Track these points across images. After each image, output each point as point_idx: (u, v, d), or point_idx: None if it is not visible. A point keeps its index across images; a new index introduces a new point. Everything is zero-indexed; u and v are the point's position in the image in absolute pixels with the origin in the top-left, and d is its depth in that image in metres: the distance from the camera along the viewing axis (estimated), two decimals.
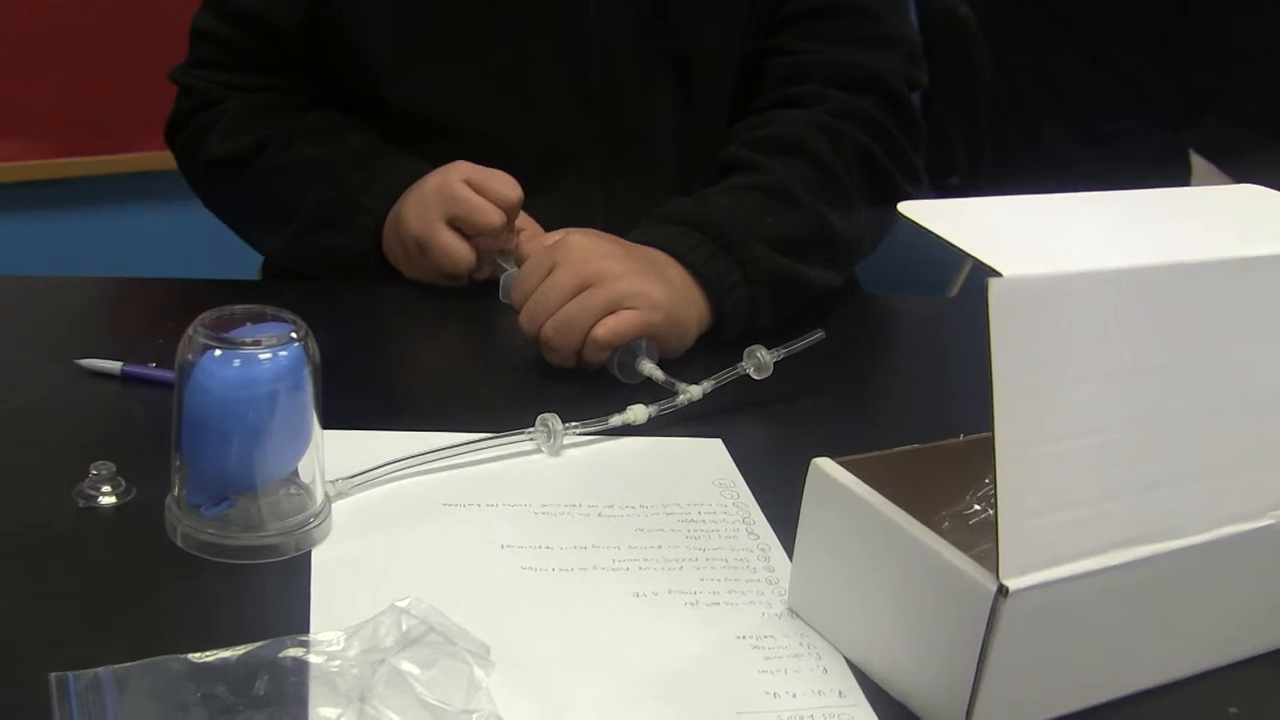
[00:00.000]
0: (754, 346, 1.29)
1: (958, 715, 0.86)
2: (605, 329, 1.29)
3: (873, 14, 1.63)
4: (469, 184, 1.46)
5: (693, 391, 1.26)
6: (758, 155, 1.52)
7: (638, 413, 1.23)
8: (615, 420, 1.22)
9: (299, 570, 1.00)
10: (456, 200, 1.45)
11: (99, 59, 3.00)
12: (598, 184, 1.62)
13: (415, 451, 1.14)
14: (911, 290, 1.83)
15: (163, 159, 1.74)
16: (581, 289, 1.31)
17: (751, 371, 1.29)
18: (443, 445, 1.15)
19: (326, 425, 1.03)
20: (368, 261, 1.55)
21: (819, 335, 1.31)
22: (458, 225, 1.47)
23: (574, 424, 1.20)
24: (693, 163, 1.63)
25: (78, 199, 3.13)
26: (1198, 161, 2.84)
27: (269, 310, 1.02)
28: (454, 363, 1.44)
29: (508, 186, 1.46)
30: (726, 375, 1.28)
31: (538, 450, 1.19)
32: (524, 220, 1.53)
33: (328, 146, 1.61)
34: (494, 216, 1.45)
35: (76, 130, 3.06)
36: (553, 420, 1.19)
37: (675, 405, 1.25)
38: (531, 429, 1.19)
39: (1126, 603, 0.89)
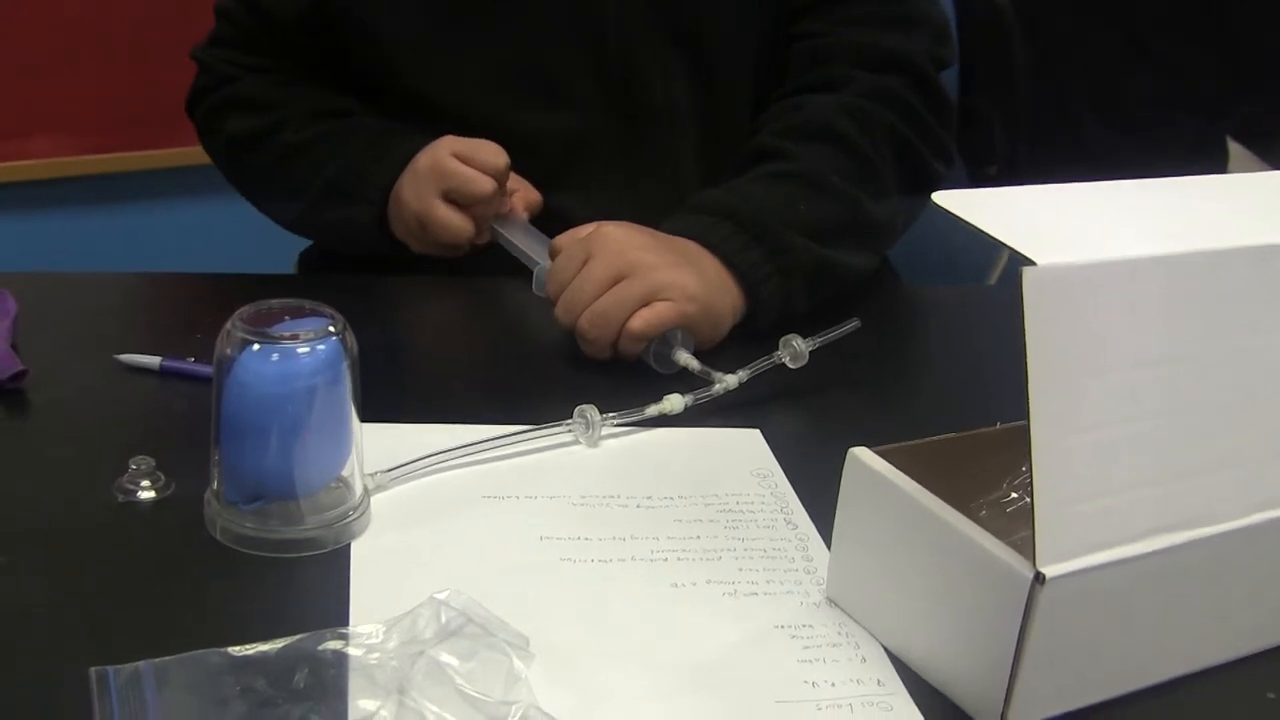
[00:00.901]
0: (789, 336, 1.29)
1: (996, 703, 0.87)
2: (640, 321, 1.30)
3: None
4: (458, 156, 1.48)
5: (729, 381, 1.26)
6: (787, 143, 1.52)
7: (674, 402, 1.23)
8: (652, 410, 1.22)
9: (338, 563, 1.00)
10: (448, 175, 1.48)
11: (134, 54, 3.01)
12: (620, 173, 1.62)
13: (454, 444, 1.14)
14: (951, 279, 1.83)
15: (198, 154, 1.75)
16: (616, 280, 1.31)
17: (787, 361, 1.29)
18: (481, 438, 1.16)
19: (365, 418, 1.03)
20: (376, 234, 1.57)
21: (854, 324, 1.31)
22: (453, 198, 1.49)
23: (612, 415, 1.20)
24: (715, 150, 1.63)
25: (113, 194, 3.14)
26: (1235, 148, 2.83)
27: (307, 304, 1.02)
28: (491, 355, 1.44)
29: (494, 154, 1.48)
30: (762, 364, 1.28)
31: (576, 442, 1.20)
32: (515, 181, 1.56)
33: (342, 124, 1.63)
34: (486, 185, 1.47)
35: (111, 125, 3.07)
36: (591, 411, 1.19)
37: (711, 395, 1.25)
38: (570, 420, 1.19)
39: (1163, 589, 0.89)
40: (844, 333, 1.30)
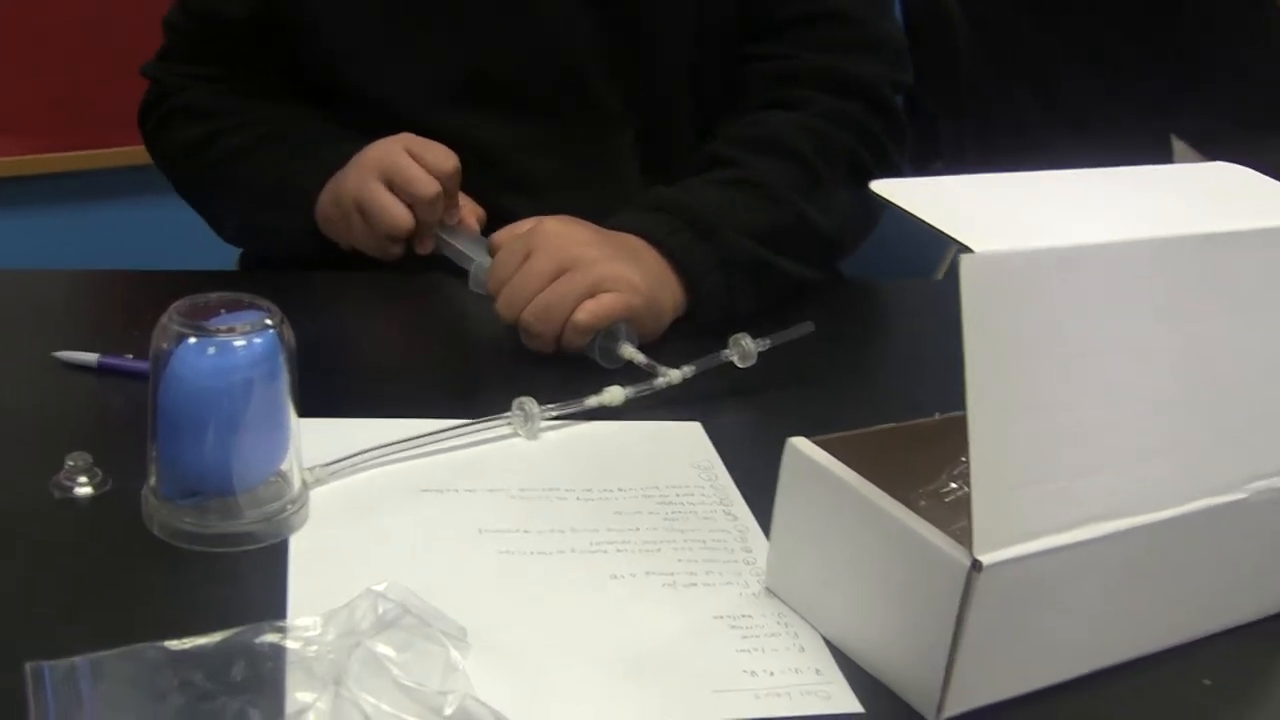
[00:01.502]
0: (739, 335, 1.29)
1: (933, 690, 0.87)
2: (586, 312, 1.29)
3: (857, 19, 1.63)
4: (409, 152, 1.47)
5: (672, 375, 1.26)
6: (741, 152, 1.53)
7: (614, 394, 1.23)
8: (592, 401, 1.22)
9: (277, 557, 1.00)
10: (395, 167, 1.46)
11: (84, 54, 3.00)
12: (566, 177, 1.62)
13: (393, 439, 1.14)
14: (898, 274, 1.83)
15: (145, 153, 1.75)
16: (559, 274, 1.31)
17: (736, 359, 1.29)
18: (421, 432, 1.15)
19: (305, 413, 1.03)
20: (305, 238, 1.56)
21: (808, 327, 1.31)
22: (395, 191, 1.47)
23: (551, 406, 1.20)
24: (660, 156, 1.63)
25: (63, 194, 3.13)
26: (1179, 145, 2.85)
27: (244, 298, 1.02)
28: (432, 349, 1.43)
29: (443, 157, 1.46)
30: (708, 361, 1.28)
31: (515, 434, 1.20)
32: (463, 198, 1.54)
33: (271, 131, 1.62)
34: (429, 186, 1.45)
35: (61, 125, 3.06)
36: (529, 404, 1.19)
37: (653, 388, 1.25)
38: (508, 413, 1.19)
39: (1101, 577, 0.90)
40: (796, 335, 1.30)
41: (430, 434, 1.15)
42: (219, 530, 1.00)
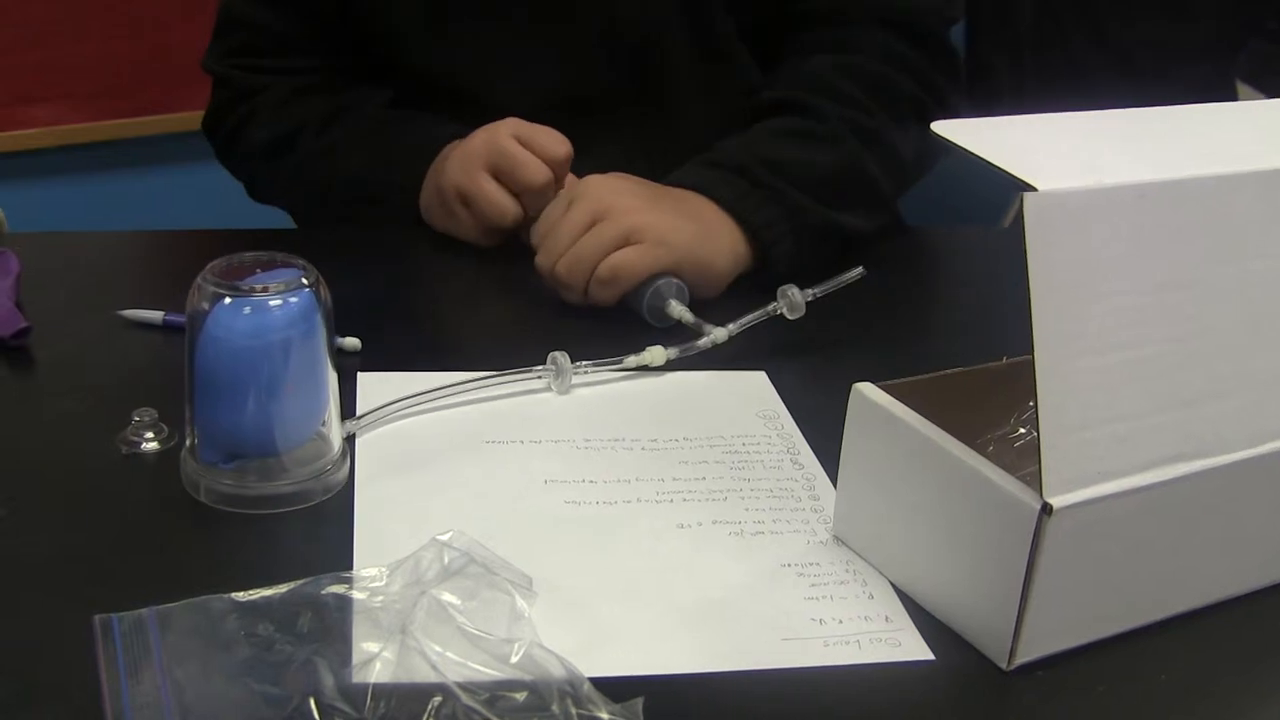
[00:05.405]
0: (786, 286, 1.27)
1: (1005, 637, 0.86)
2: (607, 267, 1.29)
3: None
4: (518, 139, 1.42)
5: (716, 334, 1.24)
6: (799, 97, 1.51)
7: (655, 354, 1.22)
8: (631, 361, 1.21)
9: (343, 510, 1.00)
10: (502, 154, 1.41)
11: (139, 20, 3.01)
12: (628, 146, 1.59)
13: (439, 385, 1.14)
14: (963, 221, 1.81)
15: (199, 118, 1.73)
16: (593, 224, 1.30)
17: (785, 312, 1.27)
18: (452, 382, 1.15)
19: (362, 369, 1.02)
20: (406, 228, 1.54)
21: (859, 272, 1.29)
22: (502, 179, 1.43)
23: (585, 363, 1.20)
24: (719, 107, 1.62)
25: (121, 161, 3.14)
26: (1245, 91, 2.82)
27: (279, 257, 1.01)
28: (477, 305, 1.42)
29: (555, 142, 1.42)
30: (755, 317, 1.26)
31: (548, 388, 1.19)
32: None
33: (357, 123, 1.60)
34: (538, 173, 1.40)
35: (118, 92, 3.07)
36: (562, 358, 1.18)
37: (698, 348, 1.24)
38: (540, 367, 1.19)
39: (1173, 520, 0.88)
40: (846, 282, 1.29)
41: (459, 384, 1.15)
42: (258, 492, 1.00)
